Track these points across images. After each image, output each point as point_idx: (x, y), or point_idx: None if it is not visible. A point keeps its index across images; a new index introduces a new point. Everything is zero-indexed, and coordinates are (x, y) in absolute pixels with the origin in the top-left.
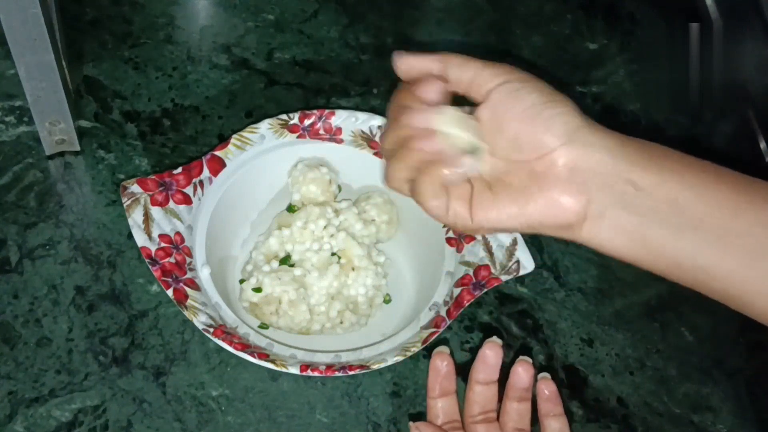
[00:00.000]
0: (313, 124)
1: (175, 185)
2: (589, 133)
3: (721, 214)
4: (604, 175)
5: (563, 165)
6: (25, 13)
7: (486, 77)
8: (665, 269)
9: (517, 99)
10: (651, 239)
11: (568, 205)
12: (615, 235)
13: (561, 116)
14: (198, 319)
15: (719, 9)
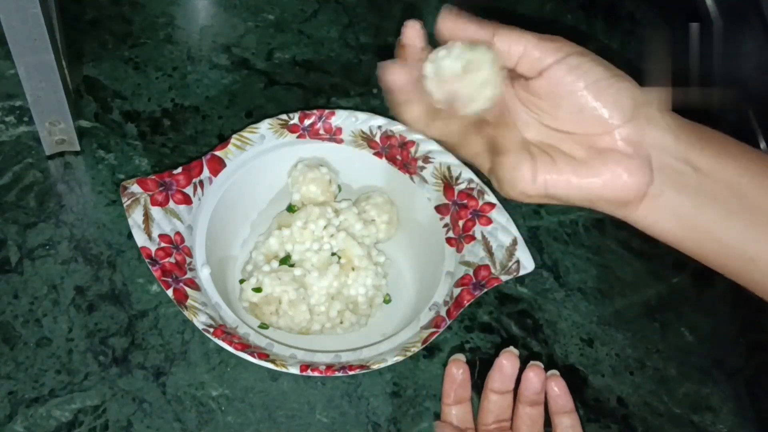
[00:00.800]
0: (313, 124)
1: (175, 185)
2: (653, 111)
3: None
4: (665, 153)
5: (627, 141)
6: (25, 13)
7: (542, 52)
8: (710, 255)
9: (581, 73)
10: (702, 222)
11: (630, 181)
12: (668, 217)
13: (627, 91)
14: (198, 319)
15: (719, 9)
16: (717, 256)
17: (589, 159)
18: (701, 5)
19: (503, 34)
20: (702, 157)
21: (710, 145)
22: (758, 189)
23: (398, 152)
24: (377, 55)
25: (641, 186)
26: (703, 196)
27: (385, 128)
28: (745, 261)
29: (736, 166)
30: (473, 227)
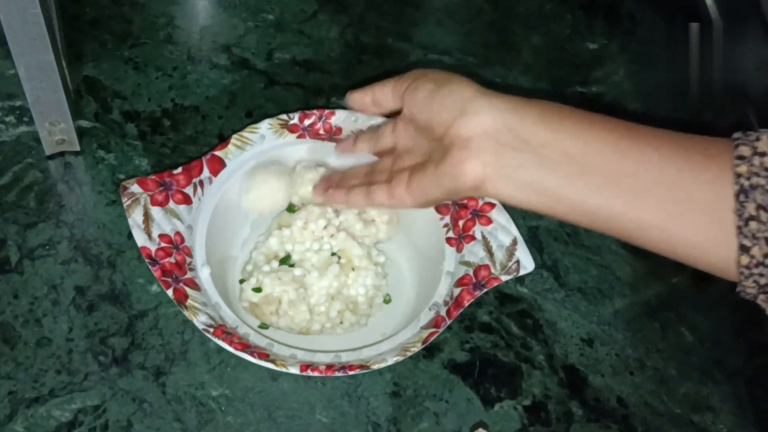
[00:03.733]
0: (313, 124)
1: (175, 185)
2: (480, 102)
3: (607, 159)
4: (497, 136)
5: (461, 134)
6: (25, 13)
7: (398, 89)
8: (565, 215)
9: (416, 92)
10: (548, 188)
11: (468, 169)
12: (516, 189)
13: (452, 93)
14: (198, 319)
15: (719, 9)
16: (571, 214)
17: (441, 159)
18: (701, 5)
19: (375, 89)
20: (536, 132)
21: (545, 121)
22: (589, 152)
23: None
24: (377, 55)
25: (478, 171)
26: (545, 166)
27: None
28: (595, 215)
29: (569, 135)
30: (473, 227)
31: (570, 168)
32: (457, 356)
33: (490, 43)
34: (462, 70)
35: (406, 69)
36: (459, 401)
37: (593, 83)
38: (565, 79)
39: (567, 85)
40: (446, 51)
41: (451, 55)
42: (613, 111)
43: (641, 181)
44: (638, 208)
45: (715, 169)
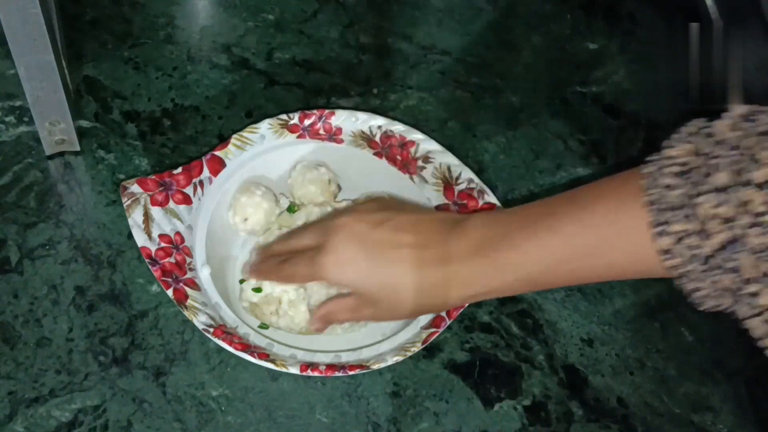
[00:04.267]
0: (313, 124)
1: (175, 185)
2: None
3: (520, 249)
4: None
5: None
6: (25, 13)
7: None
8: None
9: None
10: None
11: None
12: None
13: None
14: (198, 319)
15: (719, 9)
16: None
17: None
18: (701, 5)
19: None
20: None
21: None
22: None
23: (398, 152)
24: (377, 55)
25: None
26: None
27: (385, 128)
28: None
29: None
30: None
31: (491, 264)
32: (457, 356)
33: (490, 43)
34: (462, 70)
35: (406, 69)
36: (459, 401)
37: (593, 83)
38: (565, 79)
39: (567, 85)
40: (446, 51)
41: (451, 55)
42: (613, 111)
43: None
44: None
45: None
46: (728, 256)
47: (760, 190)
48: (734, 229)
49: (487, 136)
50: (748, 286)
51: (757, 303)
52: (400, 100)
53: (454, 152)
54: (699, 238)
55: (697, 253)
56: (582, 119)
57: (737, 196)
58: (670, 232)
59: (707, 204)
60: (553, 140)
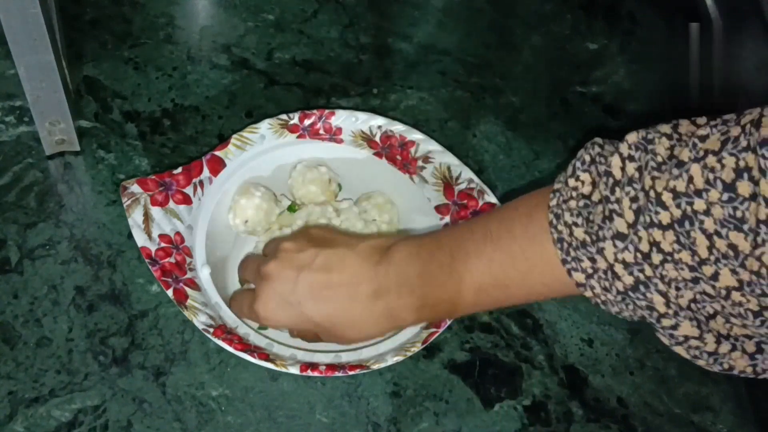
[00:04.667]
0: (313, 124)
1: (175, 185)
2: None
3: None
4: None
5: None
6: (25, 13)
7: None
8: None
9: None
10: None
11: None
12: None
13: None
14: (198, 319)
15: (719, 9)
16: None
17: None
18: (701, 5)
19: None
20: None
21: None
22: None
23: (398, 152)
24: (377, 55)
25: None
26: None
27: (385, 128)
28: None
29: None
30: None
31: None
32: (457, 356)
33: (490, 43)
34: (462, 70)
35: (406, 69)
36: (459, 401)
37: (593, 83)
38: (565, 79)
39: (567, 85)
40: (446, 51)
41: (451, 55)
42: (613, 111)
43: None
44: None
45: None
46: (639, 296)
47: (667, 231)
48: (639, 273)
49: (487, 136)
50: (664, 319)
51: (677, 334)
52: (400, 100)
53: (454, 152)
54: (609, 276)
55: (609, 289)
56: (582, 119)
57: (640, 239)
58: (580, 268)
59: (610, 250)
60: (553, 140)
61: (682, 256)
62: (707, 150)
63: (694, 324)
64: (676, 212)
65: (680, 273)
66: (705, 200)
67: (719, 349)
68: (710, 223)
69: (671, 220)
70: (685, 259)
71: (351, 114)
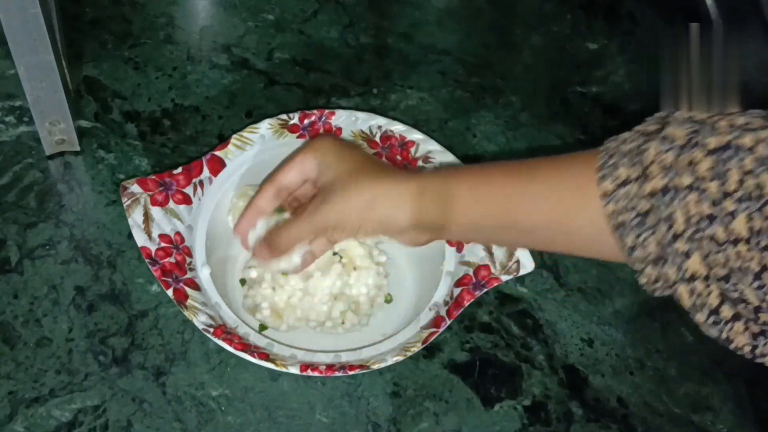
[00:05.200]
0: (313, 124)
1: (175, 185)
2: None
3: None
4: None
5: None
6: (25, 13)
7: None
8: (504, 244)
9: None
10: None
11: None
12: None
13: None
14: (198, 319)
15: (719, 9)
16: (509, 245)
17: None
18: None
19: (279, 181)
20: (462, 195)
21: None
22: (507, 200)
23: (398, 152)
24: (377, 55)
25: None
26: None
27: (385, 128)
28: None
29: (487, 192)
30: None
31: (482, 234)
32: (457, 356)
33: (490, 43)
34: (462, 70)
35: (406, 69)
36: (459, 401)
37: (593, 83)
38: (565, 79)
39: (567, 85)
40: (446, 51)
41: (451, 55)
42: (613, 111)
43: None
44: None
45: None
46: (663, 203)
47: (709, 156)
48: (672, 177)
49: (487, 136)
50: (678, 242)
51: (686, 266)
52: (400, 100)
53: (454, 152)
54: (638, 183)
55: (634, 198)
56: (582, 119)
57: (685, 155)
58: (613, 176)
59: (653, 150)
60: (553, 140)
61: (710, 185)
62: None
63: (705, 263)
64: (724, 139)
65: (701, 206)
66: (754, 137)
67: (721, 310)
68: (750, 160)
69: (716, 146)
70: (711, 190)
71: (351, 114)
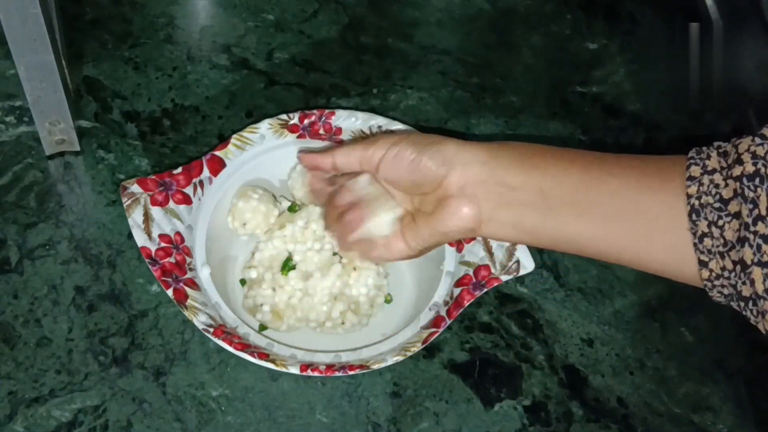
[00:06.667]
0: (313, 124)
1: (175, 185)
2: (465, 155)
3: (576, 192)
4: (484, 183)
5: (453, 186)
6: (25, 13)
7: (367, 158)
8: (548, 245)
9: (398, 161)
10: (528, 225)
11: (465, 214)
12: (503, 228)
13: (437, 153)
14: (198, 319)
15: (719, 9)
16: (553, 244)
17: (437, 209)
18: (701, 5)
19: (338, 156)
20: (514, 176)
21: (519, 164)
22: (558, 188)
23: None
24: (377, 55)
25: (474, 214)
26: (522, 207)
27: (385, 128)
28: (573, 243)
29: (541, 174)
30: None
31: (544, 205)
32: (457, 356)
33: (490, 43)
34: (462, 70)
35: (406, 69)
36: (459, 401)
37: (593, 83)
38: (565, 79)
39: (567, 85)
40: (446, 51)
41: (451, 55)
42: (613, 111)
43: (607, 210)
44: (608, 234)
45: (671, 190)
46: (749, 187)
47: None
48: (763, 166)
49: (487, 137)
50: (759, 224)
51: (765, 249)
52: (400, 100)
53: None
54: (727, 170)
55: (721, 182)
56: (582, 119)
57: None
58: (702, 164)
59: (746, 142)
60: (553, 140)
61: None
62: None
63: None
64: None
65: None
66: None
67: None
68: None
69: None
70: None
71: (351, 114)
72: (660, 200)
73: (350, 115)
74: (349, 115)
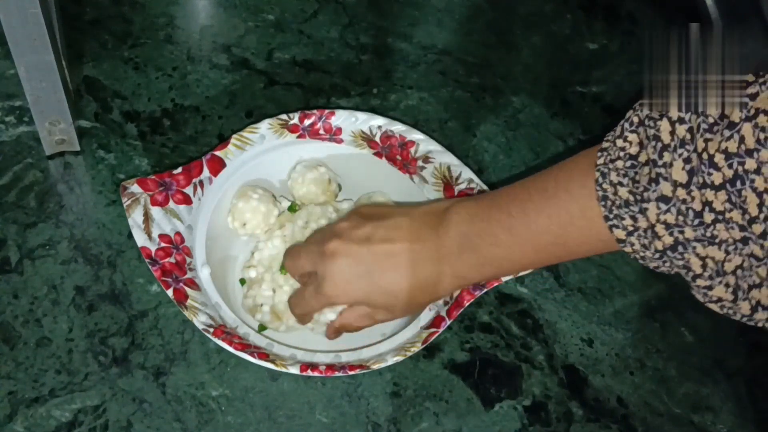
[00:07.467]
0: (313, 124)
1: (175, 185)
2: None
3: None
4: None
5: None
6: (25, 13)
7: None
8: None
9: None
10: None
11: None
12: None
13: (387, 314)
14: (198, 319)
15: (719, 9)
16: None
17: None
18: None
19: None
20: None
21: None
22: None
23: (398, 152)
24: (377, 55)
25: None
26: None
27: (385, 128)
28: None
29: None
30: None
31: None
32: (457, 356)
33: (490, 43)
34: (462, 70)
35: (406, 69)
36: (459, 401)
37: (593, 83)
38: (565, 79)
39: (567, 85)
40: (446, 51)
41: (451, 55)
42: (613, 111)
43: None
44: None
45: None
46: (677, 255)
47: (719, 191)
48: (678, 234)
49: (487, 136)
50: (699, 279)
51: (711, 294)
52: (400, 100)
53: (454, 152)
54: (648, 235)
55: (648, 247)
56: (582, 119)
57: (693, 199)
58: (621, 226)
59: (653, 211)
60: (553, 140)
61: (733, 215)
62: (758, 109)
63: (730, 290)
64: (728, 172)
65: (731, 233)
66: (756, 159)
67: (755, 316)
68: (761, 182)
69: (723, 180)
70: (735, 219)
71: (351, 114)
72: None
73: (350, 115)
74: (349, 115)
